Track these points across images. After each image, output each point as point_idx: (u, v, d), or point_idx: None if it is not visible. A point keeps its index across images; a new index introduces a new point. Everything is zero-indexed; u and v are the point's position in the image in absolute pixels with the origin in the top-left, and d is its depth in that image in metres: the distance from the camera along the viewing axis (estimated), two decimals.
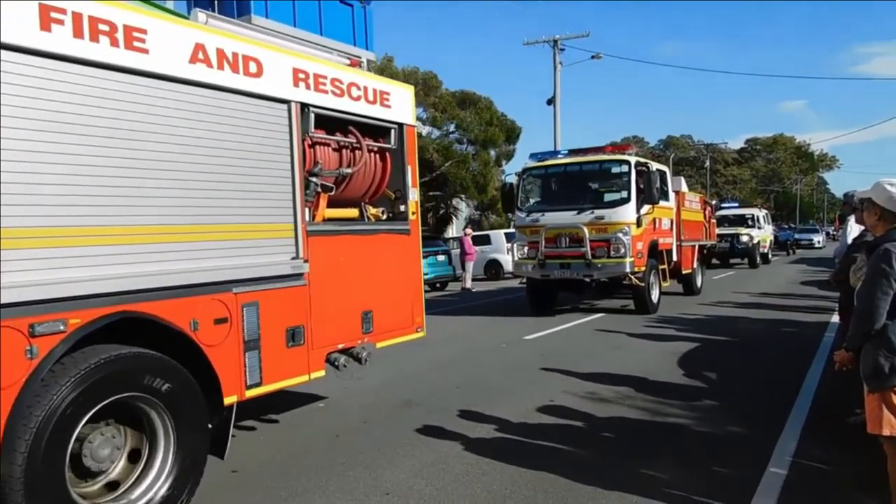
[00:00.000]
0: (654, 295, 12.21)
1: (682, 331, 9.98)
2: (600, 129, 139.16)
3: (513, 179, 13.44)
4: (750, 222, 26.21)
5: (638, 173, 11.40)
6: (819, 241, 42.26)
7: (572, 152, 12.90)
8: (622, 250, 10.97)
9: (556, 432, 5.09)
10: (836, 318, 9.00)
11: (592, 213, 11.36)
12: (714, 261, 24.91)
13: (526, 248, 12.05)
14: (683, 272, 14.41)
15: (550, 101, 27.82)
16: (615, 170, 11.86)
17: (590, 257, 11.11)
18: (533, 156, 13.26)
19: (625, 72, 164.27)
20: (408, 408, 5.98)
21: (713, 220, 18.21)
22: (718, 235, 24.10)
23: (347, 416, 5.75)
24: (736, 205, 32.51)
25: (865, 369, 3.18)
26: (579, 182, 12.36)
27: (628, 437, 5.01)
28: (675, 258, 13.65)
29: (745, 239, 24.77)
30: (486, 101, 37.99)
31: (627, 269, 11.08)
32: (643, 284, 11.57)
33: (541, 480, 4.11)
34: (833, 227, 54.29)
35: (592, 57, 28.77)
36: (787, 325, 10.44)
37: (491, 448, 4.75)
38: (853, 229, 6.88)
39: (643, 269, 11.51)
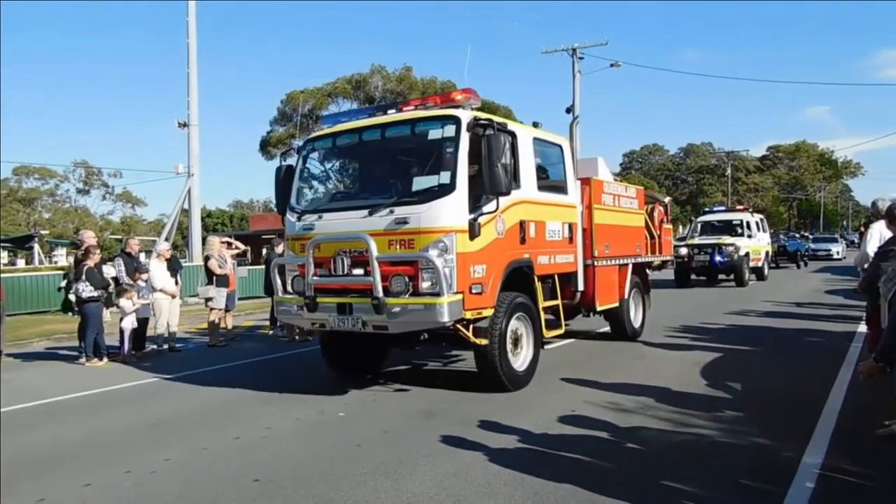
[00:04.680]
0: (521, 357, 7.04)
1: (704, 340, 9.87)
2: (619, 137, 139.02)
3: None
4: (738, 230, 21.85)
5: (474, 140, 6.34)
6: (838, 252, 38.04)
7: (380, 109, 7.60)
8: (435, 281, 6.02)
9: (579, 443, 5.05)
10: (863, 328, 8.85)
11: (392, 212, 6.35)
12: (695, 276, 21.27)
13: (294, 276, 7.05)
14: (601, 307, 9.12)
15: (570, 110, 27.84)
16: (434, 134, 6.55)
17: (380, 293, 6.14)
18: (325, 119, 8.08)
19: (644, 79, 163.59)
20: (429, 417, 5.98)
21: (666, 226, 12.19)
22: (696, 246, 20.77)
23: (368, 426, 5.76)
24: (723, 208, 26.73)
25: None
26: (381, 159, 7.43)
27: (652, 448, 4.95)
28: (580, 287, 8.65)
29: (729, 250, 20.23)
30: (505, 109, 38.11)
31: (445, 317, 5.99)
32: (487, 342, 6.50)
33: (564, 492, 4.08)
34: (858, 235, 53.20)
35: (612, 65, 28.82)
36: (813, 334, 10.28)
37: (513, 458, 4.72)
38: (874, 236, 6.77)
39: (488, 311, 6.50)
